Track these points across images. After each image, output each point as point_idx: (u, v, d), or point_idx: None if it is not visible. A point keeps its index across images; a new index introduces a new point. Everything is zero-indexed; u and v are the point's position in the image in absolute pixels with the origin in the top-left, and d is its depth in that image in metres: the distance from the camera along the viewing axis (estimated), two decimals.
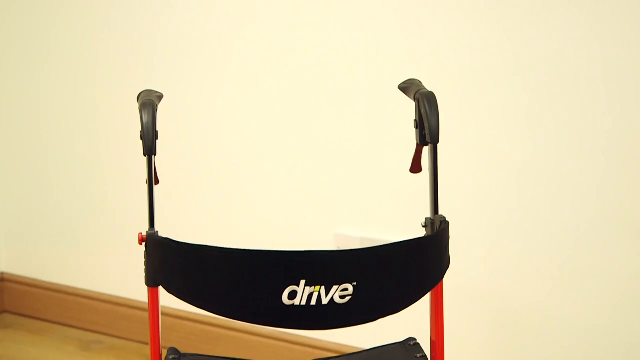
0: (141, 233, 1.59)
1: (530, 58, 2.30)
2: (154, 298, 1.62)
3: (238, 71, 2.67)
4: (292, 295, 1.50)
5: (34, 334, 3.04)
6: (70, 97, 2.96)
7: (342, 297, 1.51)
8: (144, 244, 1.59)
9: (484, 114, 2.38)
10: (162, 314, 1.66)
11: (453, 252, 1.66)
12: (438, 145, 1.68)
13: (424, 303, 1.69)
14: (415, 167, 1.77)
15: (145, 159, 1.61)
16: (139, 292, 2.64)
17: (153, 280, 1.60)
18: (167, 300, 1.69)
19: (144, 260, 1.60)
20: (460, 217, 2.26)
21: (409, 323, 2.06)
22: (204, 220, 2.80)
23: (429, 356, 1.77)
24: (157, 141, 1.61)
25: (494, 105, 2.36)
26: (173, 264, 1.55)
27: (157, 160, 1.64)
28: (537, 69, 2.29)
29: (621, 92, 2.21)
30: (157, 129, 1.61)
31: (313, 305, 1.50)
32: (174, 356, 1.79)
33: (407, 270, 1.56)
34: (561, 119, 2.29)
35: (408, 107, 1.79)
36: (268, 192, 2.69)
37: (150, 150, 1.60)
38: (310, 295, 1.50)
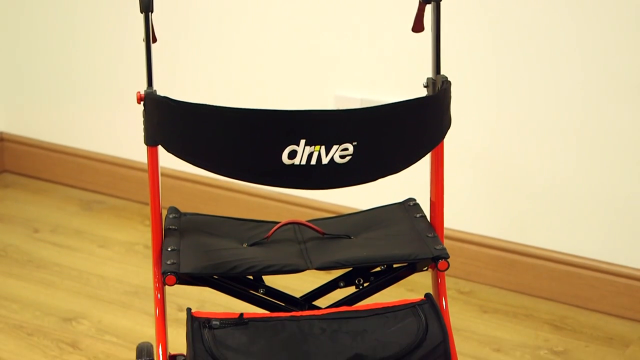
0: (139, 92, 1.58)
1: None
2: (153, 157, 1.62)
3: None
4: (292, 154, 1.49)
5: (34, 193, 3.06)
6: None
7: (342, 156, 1.50)
8: (142, 102, 1.58)
9: None
10: (162, 175, 1.66)
11: (454, 113, 1.65)
12: (441, 2, 1.65)
13: (424, 164, 1.68)
14: (418, 26, 1.74)
15: (142, 16, 1.59)
16: (139, 152, 2.64)
17: (152, 139, 1.59)
18: (167, 161, 1.69)
19: (143, 119, 1.59)
20: (462, 77, 2.25)
21: (408, 184, 2.07)
22: (202, 79, 2.78)
23: (428, 217, 1.77)
24: None
25: None
26: (172, 122, 1.54)
27: (155, 17, 1.61)
28: None
29: None
30: None
31: (313, 165, 1.50)
32: (174, 215, 1.79)
33: (408, 130, 1.55)
34: None
35: None
36: (268, 53, 2.67)
37: (147, 7, 1.58)
38: (310, 155, 1.49)
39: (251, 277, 1.68)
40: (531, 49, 2.33)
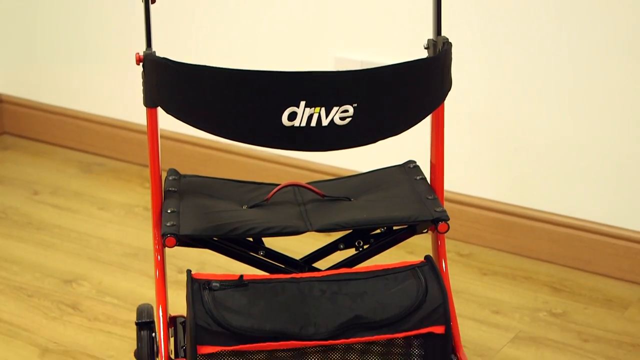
0: (138, 53, 1.57)
1: None
2: (152, 119, 1.61)
3: None
4: (292, 116, 1.49)
5: (34, 155, 3.06)
6: None
7: (342, 118, 1.50)
8: (141, 64, 1.57)
9: None
10: (162, 137, 1.66)
11: (455, 75, 1.64)
12: None
13: (425, 126, 1.68)
14: None
15: None
16: (138, 114, 2.64)
17: (151, 100, 1.58)
18: (167, 123, 1.68)
19: (142, 81, 1.59)
20: (463, 39, 2.24)
21: (409, 146, 2.06)
22: (201, 40, 2.77)
23: (428, 179, 1.77)
24: None
25: None
26: (171, 84, 1.54)
27: None
28: None
29: None
30: None
31: (313, 127, 1.49)
32: (173, 177, 1.79)
33: (409, 91, 1.55)
34: None
35: None
36: (267, 14, 2.65)
37: None
38: (310, 117, 1.49)
39: (251, 239, 1.68)
40: (529, 9, 2.31)
